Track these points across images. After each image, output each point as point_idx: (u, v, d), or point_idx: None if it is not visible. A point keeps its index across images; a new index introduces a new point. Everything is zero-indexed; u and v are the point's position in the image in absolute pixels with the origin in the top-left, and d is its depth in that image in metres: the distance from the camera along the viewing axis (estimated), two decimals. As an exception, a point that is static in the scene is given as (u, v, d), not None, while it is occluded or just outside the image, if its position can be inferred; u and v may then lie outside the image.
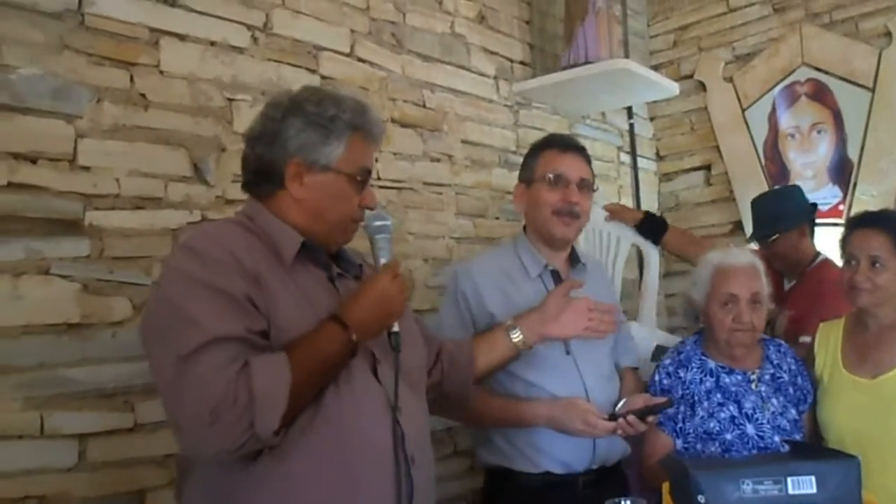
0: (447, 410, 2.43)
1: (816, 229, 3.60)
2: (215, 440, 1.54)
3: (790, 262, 3.48)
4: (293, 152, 1.79)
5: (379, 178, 3.01)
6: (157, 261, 2.30)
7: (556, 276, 2.60)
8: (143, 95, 2.36)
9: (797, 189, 3.73)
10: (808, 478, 1.51)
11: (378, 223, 1.82)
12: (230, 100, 2.57)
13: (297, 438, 1.64)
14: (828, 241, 3.06)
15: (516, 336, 2.31)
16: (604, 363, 2.61)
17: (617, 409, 2.43)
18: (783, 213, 3.46)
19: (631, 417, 2.35)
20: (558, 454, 2.45)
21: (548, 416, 2.40)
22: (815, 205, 3.66)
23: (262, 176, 1.84)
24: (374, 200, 1.89)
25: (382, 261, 1.84)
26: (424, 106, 3.24)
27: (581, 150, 2.61)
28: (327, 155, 1.79)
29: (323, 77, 2.85)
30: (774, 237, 3.43)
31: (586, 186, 2.57)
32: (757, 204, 3.66)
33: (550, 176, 2.53)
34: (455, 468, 3.16)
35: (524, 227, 2.67)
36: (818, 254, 3.49)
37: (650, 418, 2.39)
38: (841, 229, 2.79)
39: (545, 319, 2.34)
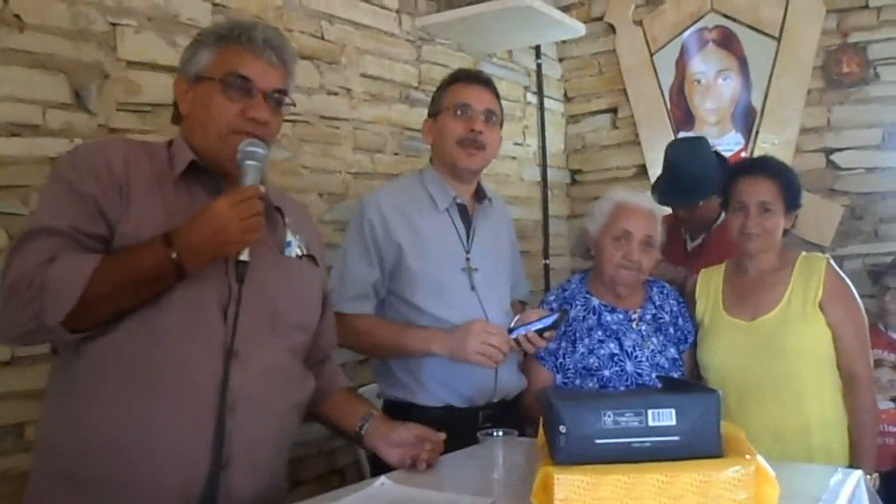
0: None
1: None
2: (6, 319, 1.62)
3: (704, 223, 3.41)
4: (179, 71, 1.87)
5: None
6: (35, 190, 2.21)
7: (463, 210, 2.61)
8: (17, 16, 2.25)
9: (709, 145, 3.62)
10: (668, 410, 1.52)
11: (248, 148, 1.74)
12: (114, 24, 2.47)
13: (113, 345, 1.65)
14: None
15: (365, 427, 2.08)
16: (504, 299, 2.66)
17: (512, 325, 2.47)
18: (706, 178, 3.29)
19: (530, 334, 2.40)
20: (462, 388, 2.48)
21: (447, 349, 2.40)
22: (721, 155, 3.63)
23: (175, 104, 1.91)
24: (260, 111, 1.81)
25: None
26: (322, 38, 3.17)
27: (488, 83, 2.61)
28: (197, 64, 1.83)
29: (214, 4, 2.75)
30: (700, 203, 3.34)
31: (492, 119, 2.57)
32: (678, 166, 3.46)
33: (455, 106, 2.53)
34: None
35: (430, 160, 2.67)
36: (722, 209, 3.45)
37: (547, 334, 2.43)
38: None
39: (387, 437, 2.05)
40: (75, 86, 2.38)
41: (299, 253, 1.94)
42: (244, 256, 1.68)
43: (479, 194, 2.68)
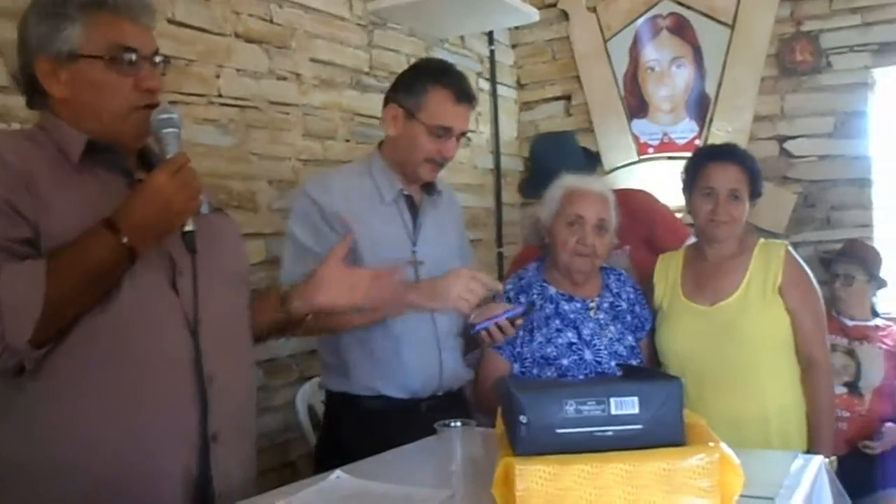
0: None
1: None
2: None
3: None
4: (35, 50, 1.67)
5: (220, 96, 2.88)
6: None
7: (410, 201, 2.55)
8: (-48, -4, 2.16)
9: (568, 139, 3.62)
10: (630, 398, 1.49)
11: (162, 116, 1.67)
12: (55, 4, 2.38)
13: (70, 351, 1.56)
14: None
15: (294, 304, 2.01)
16: None
17: (471, 319, 2.42)
18: (559, 169, 3.15)
19: (502, 322, 2.37)
20: (407, 380, 2.44)
21: (426, 297, 2.36)
22: (589, 151, 3.68)
23: (28, 87, 1.73)
24: (153, 80, 1.72)
25: (169, 157, 1.67)
26: (272, 21, 3.11)
27: (472, 102, 2.52)
28: (66, 40, 1.65)
29: (162, -15, 2.67)
30: None
31: (463, 136, 2.53)
32: (537, 161, 3.44)
33: (437, 127, 2.43)
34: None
35: (379, 144, 2.59)
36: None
37: (517, 321, 2.40)
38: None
39: (315, 287, 2.01)
40: (12, 68, 2.28)
41: (209, 210, 1.83)
42: (189, 226, 1.67)
43: (430, 187, 2.61)
